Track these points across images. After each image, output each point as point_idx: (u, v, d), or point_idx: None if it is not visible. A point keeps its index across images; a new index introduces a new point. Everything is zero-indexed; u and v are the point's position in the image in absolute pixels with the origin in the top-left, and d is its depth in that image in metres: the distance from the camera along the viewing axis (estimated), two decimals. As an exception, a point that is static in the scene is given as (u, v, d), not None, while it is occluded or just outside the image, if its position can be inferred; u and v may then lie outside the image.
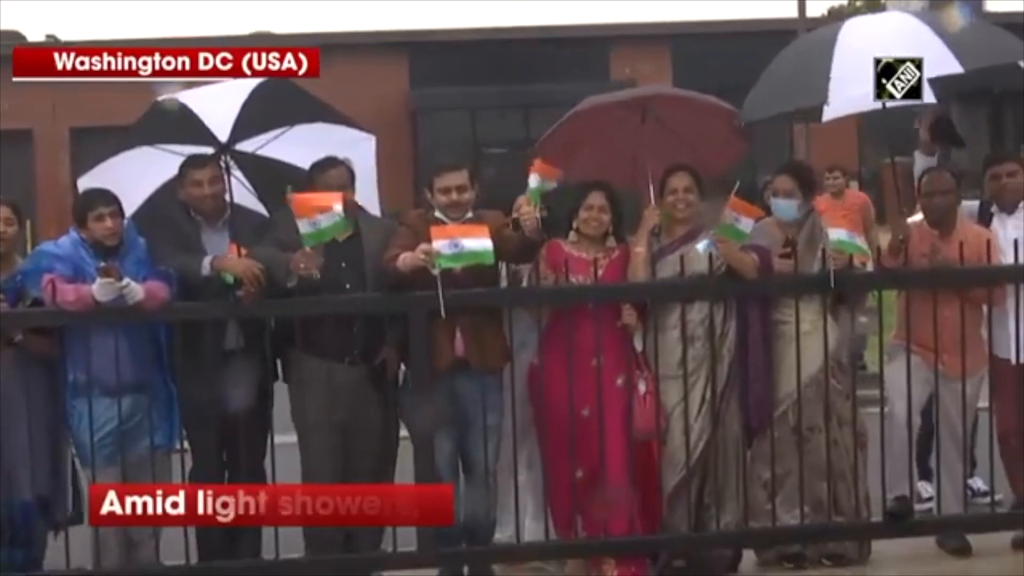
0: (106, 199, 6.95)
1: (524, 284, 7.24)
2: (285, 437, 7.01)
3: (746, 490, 7.12)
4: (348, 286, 6.93)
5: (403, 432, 7.10)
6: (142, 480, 6.73)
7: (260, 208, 7.46)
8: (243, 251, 6.85)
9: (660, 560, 7.18)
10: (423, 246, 6.71)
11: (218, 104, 7.24)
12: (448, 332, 6.88)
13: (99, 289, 6.64)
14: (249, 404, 6.86)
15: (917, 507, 7.55)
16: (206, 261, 6.87)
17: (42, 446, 6.89)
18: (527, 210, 6.84)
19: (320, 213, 6.61)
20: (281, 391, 7.08)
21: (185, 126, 7.13)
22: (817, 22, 19.72)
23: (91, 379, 6.76)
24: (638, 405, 7.04)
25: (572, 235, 7.26)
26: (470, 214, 7.04)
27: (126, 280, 6.66)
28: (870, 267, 7.41)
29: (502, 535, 7.27)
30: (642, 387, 7.06)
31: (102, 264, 6.66)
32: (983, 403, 7.51)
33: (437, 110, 23.59)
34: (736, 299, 7.14)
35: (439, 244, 6.65)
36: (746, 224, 6.94)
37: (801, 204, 7.34)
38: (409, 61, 23.95)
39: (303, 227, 6.61)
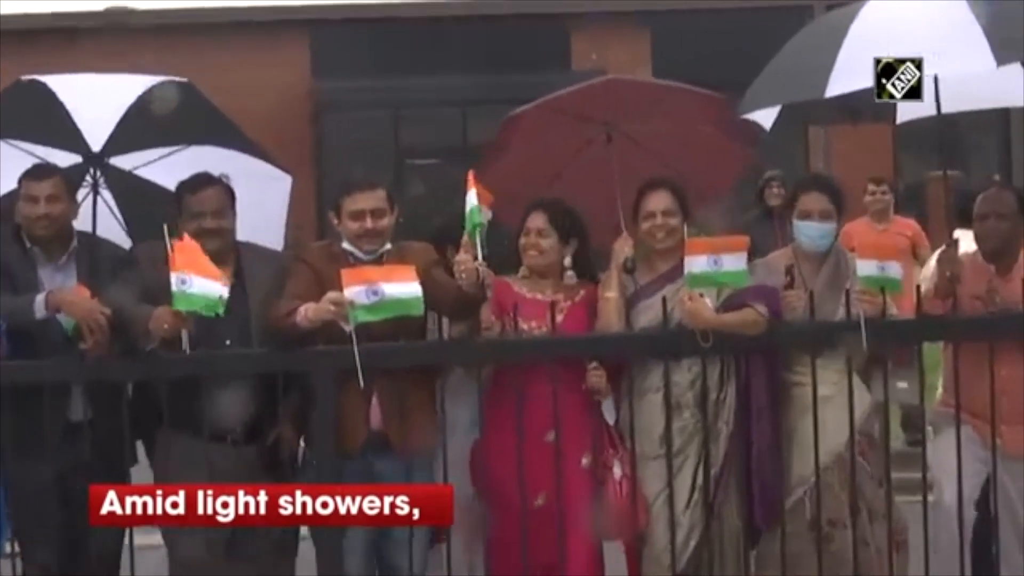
0: None
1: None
2: (145, 538, 6.98)
3: (750, 603, 7.17)
4: (228, 342, 6.92)
5: (304, 531, 7.10)
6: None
7: (124, 240, 7.44)
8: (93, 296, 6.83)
9: None
10: (332, 295, 6.66)
11: (98, 102, 7.23)
12: (362, 399, 6.87)
13: None
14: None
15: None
16: (39, 299, 6.82)
17: None
18: (463, 258, 6.80)
19: (197, 274, 6.54)
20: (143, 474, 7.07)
21: (52, 122, 7.11)
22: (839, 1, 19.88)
23: None
24: (609, 493, 7.07)
25: (522, 270, 7.29)
26: (389, 246, 7.06)
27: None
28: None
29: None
30: (616, 471, 7.09)
31: None
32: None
33: (347, 108, 23.61)
34: (736, 355, 7.19)
35: (353, 291, 6.61)
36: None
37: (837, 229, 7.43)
38: (311, 44, 23.99)
39: (173, 283, 6.52)
